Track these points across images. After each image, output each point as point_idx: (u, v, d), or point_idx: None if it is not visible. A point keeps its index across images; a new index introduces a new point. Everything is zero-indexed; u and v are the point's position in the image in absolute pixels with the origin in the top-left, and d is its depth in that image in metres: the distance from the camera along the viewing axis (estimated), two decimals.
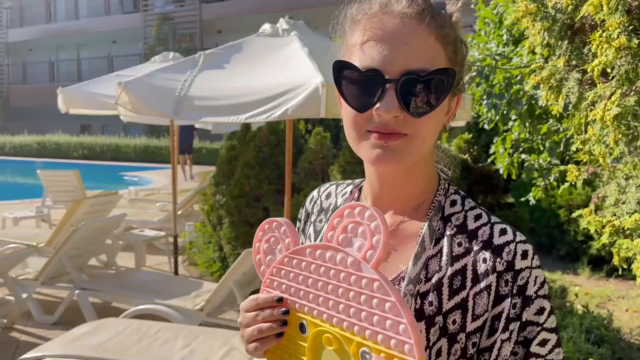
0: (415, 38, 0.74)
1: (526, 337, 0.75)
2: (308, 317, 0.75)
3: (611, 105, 1.54)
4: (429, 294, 0.77)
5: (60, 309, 4.21)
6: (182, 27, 24.55)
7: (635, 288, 5.22)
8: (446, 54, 0.77)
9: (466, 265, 0.77)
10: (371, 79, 0.74)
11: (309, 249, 0.75)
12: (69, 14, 28.46)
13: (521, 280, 0.75)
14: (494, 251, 0.76)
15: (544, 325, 0.75)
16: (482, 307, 0.75)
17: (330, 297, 0.72)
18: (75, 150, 22.75)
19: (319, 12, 20.32)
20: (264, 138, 4.84)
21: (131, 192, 9.83)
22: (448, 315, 0.76)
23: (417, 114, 0.74)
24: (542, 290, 0.76)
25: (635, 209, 1.93)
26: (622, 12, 1.48)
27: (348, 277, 0.70)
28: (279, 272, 0.78)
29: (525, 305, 0.74)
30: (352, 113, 0.77)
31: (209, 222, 5.16)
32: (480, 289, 0.75)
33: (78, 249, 4.40)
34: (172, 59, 5.83)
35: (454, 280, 0.76)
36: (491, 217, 0.80)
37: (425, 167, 0.84)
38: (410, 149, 0.76)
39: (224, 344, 2.98)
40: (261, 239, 0.82)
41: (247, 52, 3.36)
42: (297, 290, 0.76)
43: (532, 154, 3.99)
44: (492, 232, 0.78)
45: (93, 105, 5.28)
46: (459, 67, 0.80)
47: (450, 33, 0.78)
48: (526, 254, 0.76)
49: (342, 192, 0.97)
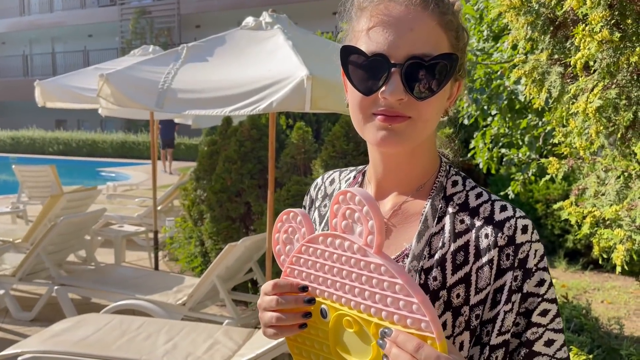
0: (420, 24, 0.77)
1: (527, 308, 0.78)
2: (328, 302, 0.77)
3: (593, 98, 1.57)
4: (433, 269, 0.79)
5: (39, 306, 4.15)
6: (160, 21, 24.25)
7: (610, 280, 5.34)
8: (449, 39, 0.80)
9: (469, 241, 0.80)
10: (377, 63, 0.77)
11: (321, 237, 0.77)
12: (43, 6, 27.87)
13: (522, 253, 0.78)
14: (496, 226, 0.79)
15: (544, 296, 0.79)
16: (484, 280, 0.78)
17: (346, 281, 0.74)
18: (50, 146, 22.35)
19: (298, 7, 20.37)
20: (245, 132, 4.81)
21: (109, 187, 9.71)
22: (452, 290, 0.79)
23: (420, 97, 0.77)
24: (542, 263, 0.79)
25: (614, 201, 1.98)
26: (605, 6, 1.51)
27: (358, 262, 0.73)
28: (299, 261, 0.81)
29: (526, 278, 0.78)
30: (358, 96, 0.80)
31: (190, 217, 5.12)
32: (483, 263, 0.78)
33: (56, 245, 4.34)
34: (151, 52, 5.76)
35: (457, 256, 0.79)
36: (491, 195, 0.84)
37: (427, 150, 0.87)
38: (413, 131, 0.79)
39: (208, 338, 2.97)
40: (280, 230, 0.84)
41: (230, 45, 3.34)
42: (316, 277, 0.78)
43: (511, 149, 4.05)
44: (493, 208, 0.81)
45: (71, 98, 5.19)
46: (460, 53, 0.83)
47: (453, 20, 0.81)
48: (526, 228, 0.79)
49: (345, 178, 1.00)
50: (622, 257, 1.70)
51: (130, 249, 6.27)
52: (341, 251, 0.75)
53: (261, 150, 4.81)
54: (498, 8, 1.93)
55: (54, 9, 27.55)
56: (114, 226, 5.99)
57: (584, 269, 5.71)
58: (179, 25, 24.12)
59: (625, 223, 1.76)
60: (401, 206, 0.87)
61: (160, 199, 6.65)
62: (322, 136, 5.67)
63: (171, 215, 6.66)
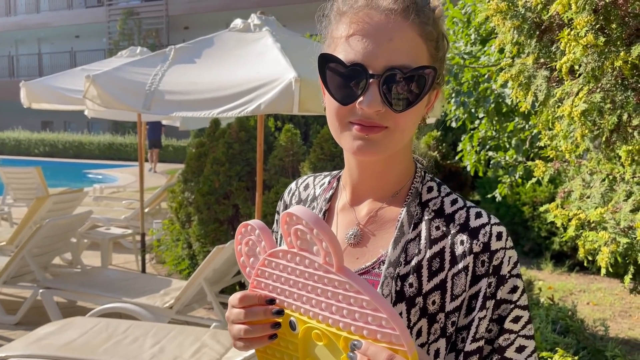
0: (400, 34, 0.76)
1: (500, 315, 0.78)
2: (296, 315, 0.76)
3: (579, 102, 1.59)
4: (409, 276, 0.79)
5: (24, 309, 4.10)
6: (148, 22, 24.11)
7: (595, 282, 5.40)
8: (428, 50, 0.79)
9: (444, 247, 0.80)
10: (355, 73, 0.76)
11: (281, 252, 0.76)
12: (29, 6, 27.59)
13: (496, 260, 0.78)
14: (471, 233, 0.79)
15: (517, 303, 0.79)
16: (460, 287, 0.78)
17: (313, 296, 0.73)
18: (36, 147, 22.13)
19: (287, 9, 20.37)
20: (233, 134, 4.80)
21: (96, 189, 9.62)
22: (428, 296, 0.78)
23: (398, 109, 0.76)
24: (515, 270, 0.80)
25: (599, 203, 2.00)
26: (590, 11, 1.53)
27: (322, 278, 0.71)
28: (264, 274, 0.79)
29: (500, 284, 0.78)
30: (335, 105, 0.79)
31: (178, 220, 5.09)
32: (458, 270, 0.78)
33: (42, 247, 4.29)
34: (139, 53, 5.73)
35: (433, 262, 0.79)
36: (466, 201, 0.84)
37: (403, 157, 0.86)
38: (390, 141, 0.78)
39: (195, 341, 2.95)
40: (241, 242, 0.82)
41: (218, 47, 3.33)
42: (283, 290, 0.77)
43: (498, 152, 4.08)
44: (468, 215, 0.81)
45: (57, 99, 5.14)
46: (439, 62, 0.82)
47: (433, 30, 0.80)
48: (500, 235, 0.79)
49: (320, 183, 0.98)
50: (606, 259, 1.72)
51: (117, 252, 6.22)
52: (303, 267, 0.73)
53: (249, 152, 4.80)
54: (485, 12, 1.95)
55: (41, 10, 27.28)
56: (101, 228, 5.94)
57: (570, 270, 5.76)
58: (167, 26, 24.02)
59: (610, 225, 1.78)
60: (377, 212, 0.86)
61: (148, 201, 6.61)
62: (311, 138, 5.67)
63: (159, 217, 6.62)
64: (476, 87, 3.66)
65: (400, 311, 0.78)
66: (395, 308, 0.77)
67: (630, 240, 1.67)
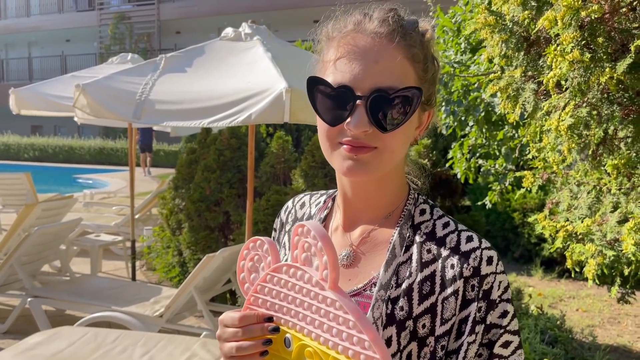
0: (385, 56, 0.78)
1: (490, 339, 0.79)
2: (292, 332, 0.77)
3: (565, 116, 1.61)
4: (400, 299, 0.80)
5: (12, 318, 4.06)
6: (140, 26, 24.05)
7: (584, 289, 5.43)
8: (415, 72, 0.80)
9: (435, 271, 0.80)
10: (342, 95, 0.78)
11: (284, 267, 0.77)
12: (19, 10, 27.42)
13: (486, 285, 0.79)
14: (461, 257, 0.80)
15: (507, 328, 0.79)
16: (450, 311, 0.78)
17: (307, 313, 0.74)
18: (25, 152, 21.96)
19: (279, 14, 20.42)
20: (224, 141, 4.80)
21: (86, 195, 9.56)
22: (418, 320, 0.79)
23: (385, 129, 0.77)
24: (506, 295, 0.80)
25: (586, 214, 2.02)
26: (576, 27, 1.55)
27: (316, 295, 0.73)
28: (263, 290, 0.80)
29: (490, 309, 0.78)
30: (324, 126, 0.81)
31: (168, 227, 5.07)
32: (449, 294, 0.79)
33: (30, 255, 4.25)
34: (130, 60, 5.71)
35: (424, 286, 0.80)
36: (458, 225, 0.84)
37: (396, 178, 0.87)
38: (379, 161, 0.80)
39: (185, 350, 2.94)
40: (245, 257, 0.83)
41: (209, 56, 3.33)
42: (280, 307, 0.78)
43: (488, 160, 4.11)
44: (459, 239, 0.82)
45: (47, 106, 5.11)
46: (428, 84, 0.84)
47: (420, 52, 0.81)
48: (491, 260, 0.80)
49: (315, 202, 1.00)
50: (593, 271, 1.73)
51: (107, 259, 6.18)
52: (302, 283, 0.75)
53: (240, 159, 4.80)
54: (473, 25, 1.97)
55: (31, 13, 27.12)
56: (91, 235, 5.90)
57: (559, 277, 5.80)
58: (159, 31, 23.96)
59: (597, 237, 1.79)
60: (370, 234, 0.87)
61: (138, 207, 6.57)
62: (302, 145, 5.67)
63: (149, 224, 6.59)
64: (466, 96, 3.68)
65: (390, 334, 0.78)
66: (385, 331, 0.78)
67: (617, 253, 1.69)
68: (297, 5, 20.04)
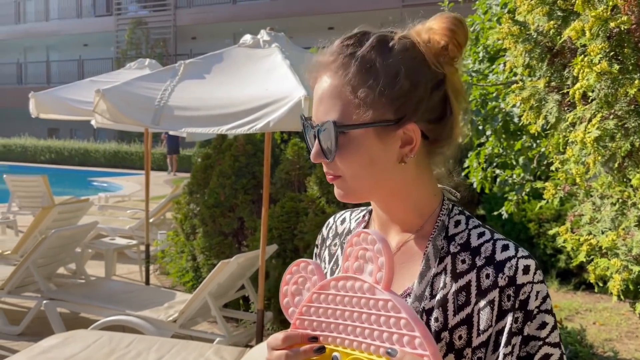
0: (326, 90, 0.83)
1: (529, 352, 0.77)
2: (340, 349, 0.77)
3: (592, 128, 1.58)
4: (434, 310, 0.79)
5: (27, 320, 4.09)
6: (156, 32, 24.27)
7: (602, 301, 5.35)
8: (357, 97, 0.80)
9: (470, 281, 0.79)
10: (307, 128, 0.86)
11: (332, 281, 0.79)
12: (38, 15, 27.83)
13: (523, 294, 0.77)
14: (496, 266, 0.78)
15: (546, 340, 0.77)
16: (486, 322, 0.77)
17: (357, 324, 0.76)
18: (42, 154, 22.22)
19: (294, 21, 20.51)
20: (240, 147, 4.81)
21: (101, 198, 9.64)
22: (454, 331, 0.78)
23: (328, 159, 0.83)
24: (545, 305, 0.78)
25: (609, 227, 1.98)
26: (604, 38, 1.52)
27: (367, 302, 0.74)
28: (309, 310, 0.81)
29: (527, 320, 0.77)
30: None
31: (182, 231, 5.08)
32: (484, 304, 0.78)
33: (46, 258, 4.29)
34: (148, 65, 5.76)
35: (459, 296, 0.79)
36: (494, 234, 0.83)
37: (417, 193, 0.87)
38: (348, 187, 0.84)
39: (198, 356, 2.93)
40: (289, 282, 0.85)
41: (227, 62, 3.34)
42: (328, 325, 0.79)
43: (505, 169, 4.07)
44: (494, 248, 0.80)
45: (66, 110, 5.17)
46: (382, 104, 0.80)
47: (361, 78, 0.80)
48: (528, 269, 0.78)
49: (355, 217, 1.01)
50: (618, 286, 1.70)
51: (121, 262, 6.22)
52: (352, 293, 0.76)
53: (255, 165, 4.80)
54: (496, 35, 1.95)
55: (50, 18, 27.51)
56: (106, 238, 5.94)
57: (576, 289, 5.72)
58: (175, 36, 24.17)
59: (622, 252, 1.76)
60: (404, 245, 0.87)
61: (153, 211, 6.61)
62: None
63: (163, 228, 6.61)
64: (484, 105, 3.65)
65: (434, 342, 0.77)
66: None
67: None
68: (313, 12, 20.12)
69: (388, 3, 18.88)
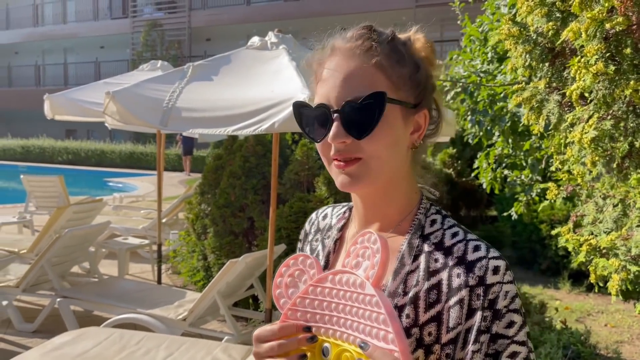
0: (353, 70, 0.84)
1: (497, 350, 0.79)
2: (331, 340, 0.80)
3: (589, 129, 1.59)
4: (406, 307, 0.82)
5: (41, 317, 4.17)
6: (171, 33, 24.50)
7: (614, 303, 5.30)
8: (388, 78, 0.84)
9: (441, 280, 0.82)
10: (321, 113, 0.85)
11: (330, 275, 0.82)
12: (56, 18, 28.26)
13: (492, 294, 0.79)
14: (467, 266, 0.81)
15: (514, 338, 0.79)
16: (455, 320, 0.80)
17: (348, 317, 0.79)
18: (59, 155, 22.53)
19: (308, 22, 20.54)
20: (250, 148, 4.85)
21: (115, 198, 9.76)
22: (424, 328, 0.81)
23: (359, 136, 0.82)
24: (513, 305, 0.80)
25: (611, 228, 1.98)
26: (600, 39, 1.53)
27: (358, 296, 0.77)
28: (303, 302, 0.84)
29: (495, 319, 0.79)
30: (316, 143, 0.87)
31: (194, 231, 5.14)
32: (454, 303, 0.80)
33: (60, 257, 4.37)
34: (160, 67, 5.84)
35: (430, 294, 0.82)
36: (467, 234, 0.86)
37: (402, 187, 0.90)
38: (367, 170, 0.84)
39: (207, 354, 2.98)
40: (284, 274, 0.88)
41: (235, 64, 3.38)
42: (322, 316, 0.82)
43: (514, 170, 4.06)
44: (466, 248, 0.83)
45: (80, 112, 5.26)
46: (410, 87, 0.86)
47: (386, 60, 0.85)
48: (497, 269, 0.80)
49: (337, 213, 1.04)
50: (617, 286, 1.70)
51: (134, 261, 6.30)
52: (346, 287, 0.79)
53: (265, 166, 4.84)
54: (497, 36, 1.96)
55: (67, 21, 27.91)
56: (119, 238, 6.02)
57: (588, 290, 5.66)
58: (190, 38, 24.37)
59: (621, 252, 1.76)
60: None
61: (166, 211, 6.69)
62: None
63: (176, 228, 6.68)
64: (492, 106, 3.65)
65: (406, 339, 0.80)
66: None
67: None
68: (326, 13, 20.14)
69: (402, 3, 18.86)
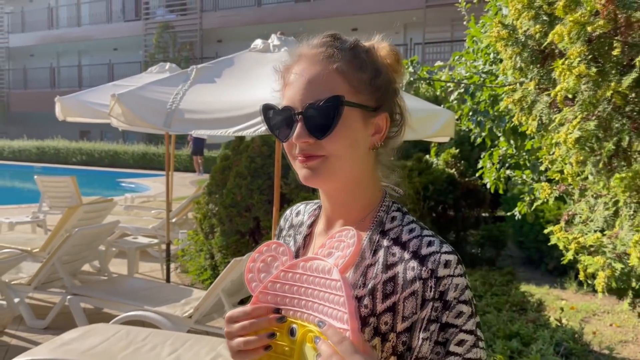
0: (316, 75, 0.90)
1: (447, 338, 0.86)
2: (298, 321, 0.87)
3: (572, 129, 1.63)
4: (365, 298, 0.88)
5: (52, 314, 4.27)
6: (183, 35, 24.69)
7: (620, 303, 5.28)
8: (348, 83, 0.90)
9: (397, 273, 0.88)
10: (286, 114, 0.91)
11: (301, 262, 0.89)
12: (70, 20, 28.64)
13: (443, 286, 0.86)
14: (421, 260, 0.87)
15: (462, 327, 0.86)
16: (410, 310, 0.86)
17: (315, 300, 0.85)
18: (73, 156, 22.81)
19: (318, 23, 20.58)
20: (256, 149, 4.92)
21: (127, 199, 9.89)
22: (381, 317, 0.87)
23: (320, 137, 0.88)
24: (463, 297, 0.87)
25: (602, 227, 2.01)
26: (583, 42, 1.57)
27: (325, 281, 0.84)
28: (274, 286, 0.91)
29: (445, 309, 0.85)
30: (283, 142, 0.94)
31: (201, 231, 5.23)
32: (409, 294, 0.87)
33: (71, 255, 4.46)
34: (168, 69, 5.93)
35: (387, 286, 0.88)
36: (424, 230, 0.92)
37: (366, 185, 0.96)
38: (328, 167, 0.90)
39: (210, 350, 3.04)
40: (256, 260, 0.95)
41: (237, 66, 3.45)
42: (291, 299, 0.88)
43: (517, 170, 4.08)
44: (420, 243, 0.89)
45: (89, 114, 5.37)
46: (370, 91, 0.92)
47: (347, 66, 0.91)
48: (449, 263, 0.87)
49: (309, 210, 1.10)
50: (603, 283, 1.74)
51: (143, 260, 6.40)
52: (316, 273, 0.86)
53: (271, 166, 4.90)
54: (488, 39, 2.00)
55: (82, 23, 28.27)
56: (129, 237, 6.12)
57: (594, 291, 5.63)
58: (201, 39, 24.54)
59: (608, 250, 1.79)
60: None
61: (175, 211, 6.79)
62: None
63: (185, 227, 6.78)
64: (493, 106, 3.68)
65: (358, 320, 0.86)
66: None
67: (625, 266, 1.69)
68: (337, 14, 20.17)
69: (412, 4, 18.82)
